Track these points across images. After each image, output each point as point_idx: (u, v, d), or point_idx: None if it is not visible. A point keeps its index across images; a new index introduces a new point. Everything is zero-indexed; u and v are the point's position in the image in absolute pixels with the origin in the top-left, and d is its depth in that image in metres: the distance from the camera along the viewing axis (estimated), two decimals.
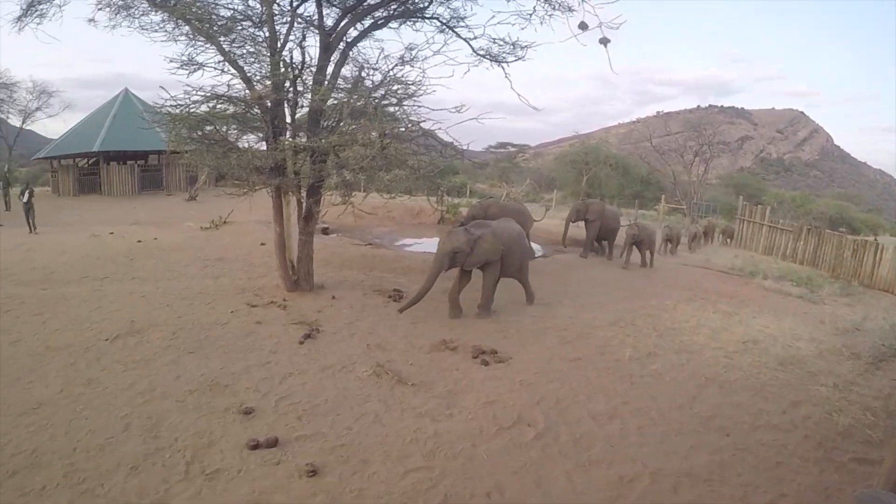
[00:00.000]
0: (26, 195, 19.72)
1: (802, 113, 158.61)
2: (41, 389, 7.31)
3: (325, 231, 20.29)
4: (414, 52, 11.71)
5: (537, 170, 48.14)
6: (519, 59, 12.54)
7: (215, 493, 5.35)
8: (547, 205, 29.92)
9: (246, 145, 11.77)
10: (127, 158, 35.28)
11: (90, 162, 35.14)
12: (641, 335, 10.45)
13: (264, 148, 11.41)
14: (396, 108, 11.20)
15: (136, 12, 12.04)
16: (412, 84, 11.07)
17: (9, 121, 42.47)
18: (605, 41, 4.98)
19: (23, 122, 42.66)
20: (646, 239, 17.98)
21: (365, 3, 11.71)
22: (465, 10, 12.48)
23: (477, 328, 10.34)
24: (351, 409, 7.02)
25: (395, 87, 11.09)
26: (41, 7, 12.63)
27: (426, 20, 12.69)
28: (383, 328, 10.09)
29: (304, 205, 11.90)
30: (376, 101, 10.73)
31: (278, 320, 10.18)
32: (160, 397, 7.15)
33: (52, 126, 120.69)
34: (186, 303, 10.90)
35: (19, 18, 12.79)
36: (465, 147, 11.42)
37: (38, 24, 12.88)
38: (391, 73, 11.34)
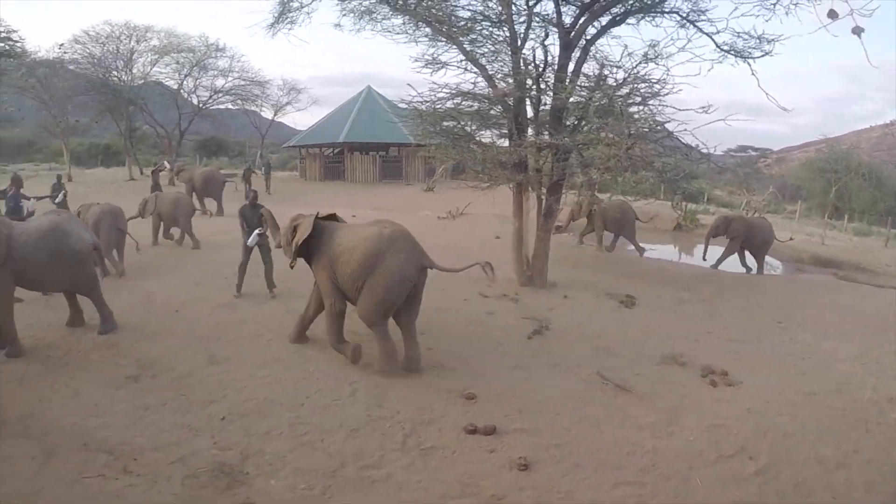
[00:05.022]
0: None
1: None
2: (279, 347, 8.15)
3: (559, 229, 20.14)
4: (657, 49, 11.27)
5: (780, 177, 43.68)
6: (766, 53, 11.67)
7: (427, 468, 5.54)
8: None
9: (486, 141, 12.13)
10: (369, 149, 38.35)
11: (335, 151, 38.77)
12: (885, 375, 8.94)
13: (506, 144, 11.68)
14: (640, 107, 10.91)
15: (378, 16, 13.00)
16: (657, 82, 10.72)
17: (262, 113, 48.57)
18: (858, 30, 4.36)
19: (274, 115, 48.80)
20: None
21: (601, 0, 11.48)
22: (705, 2, 11.77)
23: (710, 346, 9.67)
24: (571, 410, 6.92)
25: (639, 86, 10.80)
26: (292, 15, 14.19)
27: (665, 15, 12.22)
28: (613, 333, 9.87)
29: (545, 202, 11.97)
30: (621, 99, 10.54)
31: (509, 313, 10.35)
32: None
33: (301, 119, 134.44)
34: None
35: (272, 25, 14.57)
36: (711, 150, 10.80)
37: (290, 29, 14.62)
38: (635, 70, 11.04)
